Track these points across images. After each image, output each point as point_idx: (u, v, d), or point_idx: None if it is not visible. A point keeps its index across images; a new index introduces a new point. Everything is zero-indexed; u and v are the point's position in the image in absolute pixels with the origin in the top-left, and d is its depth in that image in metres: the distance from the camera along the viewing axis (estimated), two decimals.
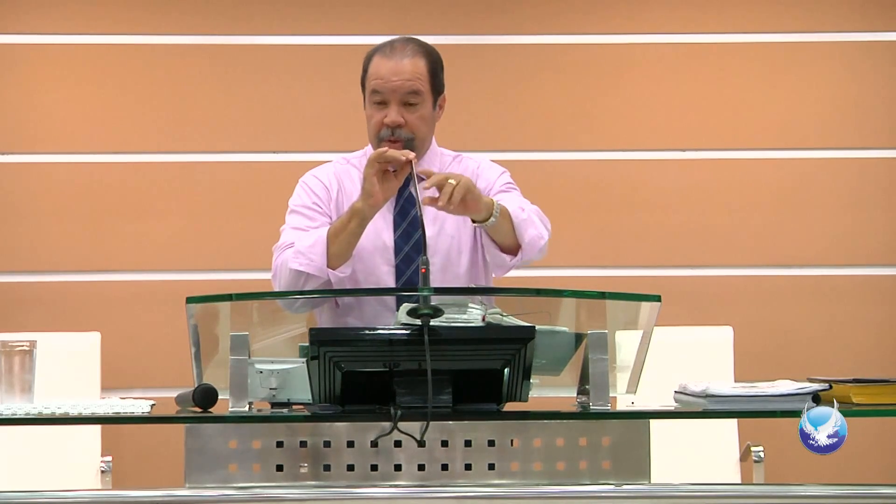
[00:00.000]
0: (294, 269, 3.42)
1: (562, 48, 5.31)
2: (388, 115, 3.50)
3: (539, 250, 3.49)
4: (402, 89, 3.51)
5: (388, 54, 3.53)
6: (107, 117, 5.23)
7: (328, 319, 3.57)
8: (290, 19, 5.28)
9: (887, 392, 3.08)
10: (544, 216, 3.56)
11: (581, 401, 3.13)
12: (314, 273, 3.41)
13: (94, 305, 5.17)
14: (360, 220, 3.40)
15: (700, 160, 5.31)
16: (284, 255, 3.47)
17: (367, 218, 3.41)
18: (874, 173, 5.32)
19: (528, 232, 3.44)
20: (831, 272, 5.30)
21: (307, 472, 2.92)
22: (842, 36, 5.33)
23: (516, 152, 5.20)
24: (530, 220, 3.47)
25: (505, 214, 3.40)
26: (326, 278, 3.41)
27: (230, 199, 5.23)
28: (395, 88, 3.51)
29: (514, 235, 3.43)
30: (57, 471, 4.69)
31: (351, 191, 3.58)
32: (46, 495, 2.99)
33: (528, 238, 3.44)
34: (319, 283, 3.41)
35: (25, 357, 3.06)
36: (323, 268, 3.41)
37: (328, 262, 3.41)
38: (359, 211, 3.39)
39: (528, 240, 3.44)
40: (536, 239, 3.46)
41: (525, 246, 3.45)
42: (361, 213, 3.39)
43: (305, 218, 3.56)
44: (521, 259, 3.48)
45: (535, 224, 3.47)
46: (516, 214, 3.43)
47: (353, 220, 3.40)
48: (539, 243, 3.47)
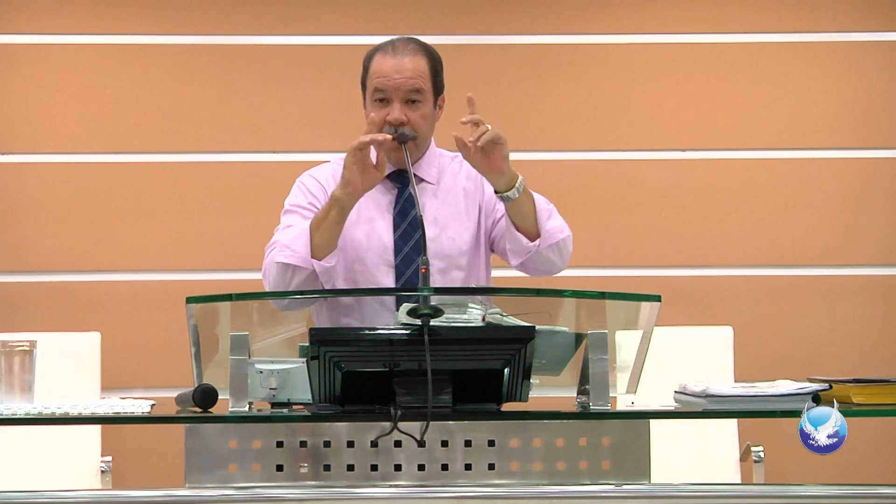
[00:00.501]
0: (280, 263, 3.41)
1: (562, 48, 5.31)
2: (391, 113, 3.50)
3: (558, 244, 3.47)
4: (405, 87, 3.51)
5: (390, 52, 3.54)
6: (107, 117, 5.23)
7: (327, 318, 3.57)
8: (290, 19, 5.28)
9: (887, 392, 3.08)
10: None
11: (581, 401, 3.13)
12: (299, 264, 3.40)
13: (94, 305, 5.17)
14: (339, 208, 3.39)
15: (700, 160, 5.31)
16: (272, 251, 3.48)
17: (347, 207, 3.40)
18: (874, 173, 5.32)
19: (550, 221, 3.45)
20: (831, 272, 5.30)
21: (307, 472, 2.92)
22: (842, 36, 5.33)
23: (516, 152, 5.11)
24: (554, 212, 3.49)
25: (528, 194, 3.41)
26: (312, 269, 3.40)
27: (230, 199, 5.23)
28: (398, 86, 3.51)
29: (534, 220, 3.43)
30: (57, 471, 4.69)
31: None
32: (46, 495, 2.99)
33: (549, 226, 3.45)
34: (306, 275, 3.40)
35: (25, 357, 3.06)
36: (307, 259, 3.40)
37: (312, 253, 3.40)
38: (338, 200, 3.38)
39: (548, 227, 3.44)
40: (556, 231, 3.46)
41: (544, 233, 3.43)
42: (340, 203, 3.38)
43: (300, 217, 3.55)
44: (540, 247, 3.44)
45: (557, 217, 3.49)
46: (540, 202, 3.45)
47: (334, 209, 3.39)
48: (559, 235, 3.46)
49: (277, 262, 3.42)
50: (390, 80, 3.51)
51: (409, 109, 3.52)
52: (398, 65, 3.52)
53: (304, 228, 3.43)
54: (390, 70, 3.51)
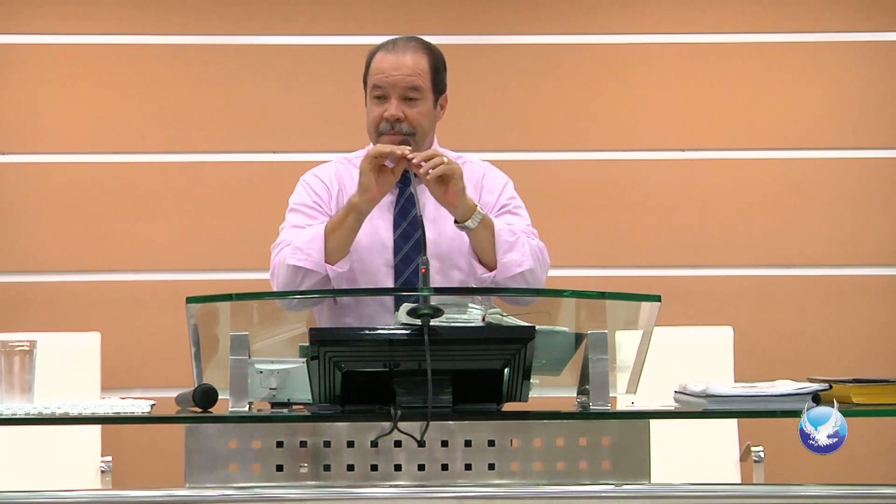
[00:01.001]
0: (292, 265, 3.42)
1: (562, 48, 5.31)
2: (387, 109, 3.51)
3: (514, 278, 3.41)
4: (403, 84, 3.52)
5: (390, 50, 3.55)
6: (107, 117, 5.23)
7: (327, 318, 3.57)
8: (290, 19, 5.28)
9: (887, 392, 3.08)
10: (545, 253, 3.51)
11: (581, 401, 3.13)
12: (312, 268, 3.41)
13: (94, 305, 5.17)
14: (357, 214, 3.40)
15: (700, 160, 5.31)
16: (283, 252, 3.48)
17: (364, 213, 3.41)
18: (874, 173, 5.32)
19: (508, 255, 3.42)
20: (831, 272, 5.30)
21: (307, 472, 2.92)
22: (842, 36, 5.33)
23: (516, 152, 5.20)
24: (517, 244, 3.43)
25: (488, 226, 3.40)
26: (324, 274, 3.41)
27: (230, 199, 5.23)
28: (396, 83, 3.51)
29: (492, 251, 3.42)
30: (57, 471, 4.69)
31: (351, 190, 3.57)
32: (46, 495, 2.99)
33: (505, 260, 3.41)
34: (317, 279, 3.41)
35: (25, 357, 3.06)
36: (321, 263, 3.41)
37: (326, 258, 3.41)
38: (355, 206, 3.40)
39: (504, 261, 3.41)
40: (513, 265, 3.41)
41: (500, 266, 3.41)
42: (358, 209, 3.40)
43: (305, 216, 3.56)
44: (494, 279, 3.42)
45: (519, 250, 3.43)
46: (501, 233, 3.42)
47: (351, 216, 3.41)
48: (514, 270, 3.41)
49: (289, 264, 3.42)
50: (388, 77, 3.51)
51: (406, 106, 3.52)
52: (397, 62, 3.52)
53: (318, 232, 3.44)
54: (389, 67, 3.52)
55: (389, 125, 3.50)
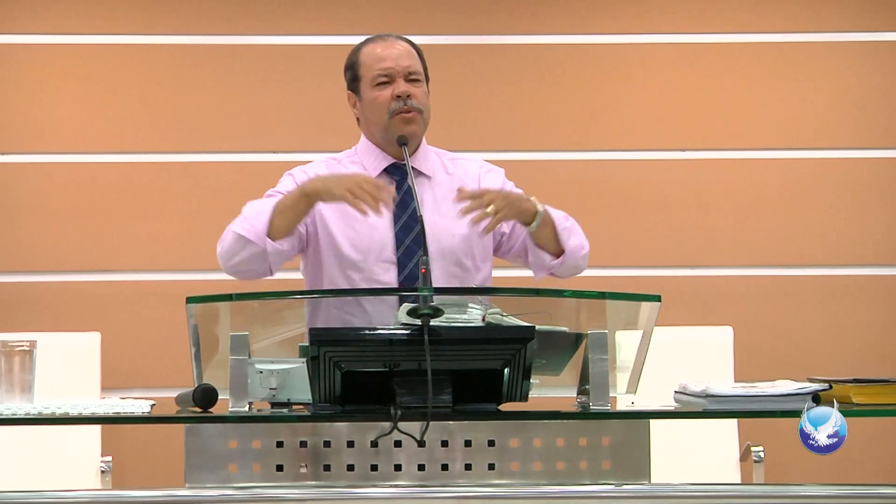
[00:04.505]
0: (236, 233, 3.49)
1: (562, 48, 5.31)
2: (397, 87, 3.57)
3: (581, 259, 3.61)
4: (407, 69, 3.59)
5: (382, 40, 3.65)
6: (107, 117, 5.23)
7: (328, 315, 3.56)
8: (290, 19, 5.28)
9: (887, 392, 3.08)
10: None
11: (581, 401, 3.13)
12: (253, 239, 3.47)
13: (94, 305, 5.17)
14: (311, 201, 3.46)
15: (700, 160, 5.31)
16: (235, 220, 3.54)
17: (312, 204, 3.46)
18: (874, 173, 5.32)
19: (572, 240, 3.57)
20: (831, 272, 5.30)
21: (307, 472, 2.92)
22: (842, 36, 5.33)
23: (516, 152, 5.20)
24: (574, 228, 3.59)
25: (548, 222, 3.51)
26: (264, 247, 3.45)
27: (230, 199, 5.17)
28: (400, 68, 3.59)
29: (556, 241, 3.54)
30: (57, 471, 4.69)
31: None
32: (46, 495, 3.00)
33: (572, 245, 3.57)
34: (258, 251, 3.45)
35: (25, 357, 3.06)
36: (262, 236, 3.46)
37: (268, 232, 3.46)
38: (316, 194, 3.43)
39: (571, 245, 3.56)
40: (578, 248, 3.59)
41: (568, 251, 3.56)
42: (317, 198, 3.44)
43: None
44: (563, 264, 3.57)
45: (577, 233, 3.60)
46: (560, 222, 3.55)
47: (303, 201, 3.46)
48: (580, 252, 3.60)
49: (234, 231, 3.50)
50: (393, 63, 3.58)
51: (411, 86, 3.57)
52: (395, 51, 3.62)
53: (267, 206, 3.50)
54: (388, 55, 3.60)
55: (402, 102, 3.56)
